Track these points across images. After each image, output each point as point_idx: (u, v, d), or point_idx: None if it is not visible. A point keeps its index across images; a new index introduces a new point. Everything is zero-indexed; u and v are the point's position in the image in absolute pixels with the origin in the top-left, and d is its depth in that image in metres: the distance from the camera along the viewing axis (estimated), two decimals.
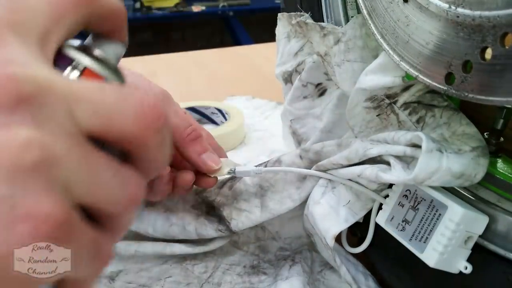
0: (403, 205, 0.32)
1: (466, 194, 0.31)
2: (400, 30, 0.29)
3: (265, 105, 0.75)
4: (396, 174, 0.30)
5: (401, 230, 0.32)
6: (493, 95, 0.24)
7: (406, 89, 0.33)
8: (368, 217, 0.37)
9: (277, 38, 0.48)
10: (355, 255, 0.39)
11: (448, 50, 0.25)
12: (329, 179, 0.37)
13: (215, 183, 0.39)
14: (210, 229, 0.39)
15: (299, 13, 0.42)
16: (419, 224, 0.31)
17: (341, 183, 0.37)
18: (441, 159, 0.28)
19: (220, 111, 0.67)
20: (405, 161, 0.31)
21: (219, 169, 0.37)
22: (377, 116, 0.35)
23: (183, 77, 0.92)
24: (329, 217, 0.36)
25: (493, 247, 0.29)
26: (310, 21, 0.40)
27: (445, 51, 0.26)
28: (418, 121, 0.33)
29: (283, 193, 0.39)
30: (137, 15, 2.66)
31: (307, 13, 0.41)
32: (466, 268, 0.29)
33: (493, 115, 0.31)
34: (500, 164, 0.31)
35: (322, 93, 0.45)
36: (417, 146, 0.30)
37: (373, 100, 0.35)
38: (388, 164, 0.32)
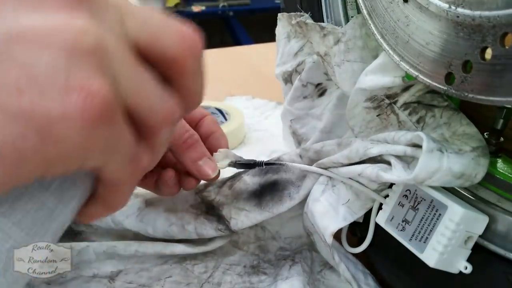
0: (403, 205, 0.32)
1: (466, 194, 0.31)
2: (400, 30, 0.29)
3: (265, 105, 0.75)
4: (397, 174, 0.30)
5: (401, 230, 0.32)
6: (493, 95, 0.24)
7: (406, 89, 0.33)
8: (368, 217, 0.37)
9: (277, 38, 0.48)
10: (355, 255, 0.39)
11: (448, 50, 0.25)
12: (329, 176, 0.37)
13: (217, 178, 0.39)
14: (209, 228, 0.39)
15: (299, 13, 0.42)
16: (419, 224, 0.31)
17: (341, 182, 0.37)
18: (441, 159, 0.28)
19: (220, 111, 0.67)
20: (406, 161, 0.31)
21: (216, 177, 0.37)
22: (377, 116, 0.35)
23: None
24: (328, 215, 0.36)
25: (493, 247, 0.29)
26: (310, 21, 0.40)
27: (445, 51, 0.26)
28: (418, 121, 0.33)
29: (283, 192, 0.39)
30: None
31: (307, 13, 0.41)
32: (466, 268, 0.29)
33: (493, 115, 0.31)
34: (500, 164, 0.31)
35: (322, 93, 0.45)
36: (418, 146, 0.30)
37: (373, 100, 0.35)
38: (389, 163, 0.32)
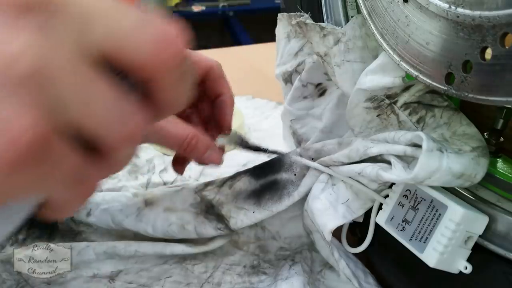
0: (403, 205, 0.32)
1: (466, 194, 0.31)
2: (400, 30, 0.29)
3: (265, 105, 0.75)
4: (397, 173, 0.30)
5: (401, 230, 0.32)
6: (493, 95, 0.24)
7: (406, 89, 0.33)
8: (368, 217, 0.37)
9: (277, 38, 0.48)
10: (355, 255, 0.39)
11: (448, 50, 0.25)
12: (330, 174, 0.38)
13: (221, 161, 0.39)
14: (209, 227, 0.39)
15: (299, 13, 0.42)
16: (419, 224, 0.31)
17: (341, 180, 0.37)
18: (441, 158, 0.28)
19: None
20: (406, 161, 0.31)
21: (228, 136, 0.39)
22: (377, 116, 0.35)
23: None
24: (327, 212, 0.36)
25: (493, 247, 0.29)
26: (310, 21, 0.40)
27: (445, 51, 0.26)
28: (418, 121, 0.33)
29: (283, 191, 0.39)
30: None
31: (307, 13, 0.41)
32: (466, 268, 0.29)
33: (493, 115, 0.32)
34: (500, 164, 0.31)
35: (322, 93, 0.45)
36: (418, 146, 0.30)
37: (373, 101, 0.35)
38: (389, 163, 0.32)
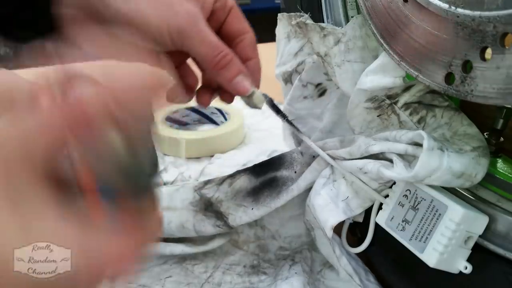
0: (403, 205, 0.32)
1: (466, 194, 0.31)
2: (400, 30, 0.29)
3: (265, 105, 0.75)
4: (398, 171, 0.30)
5: (401, 230, 0.32)
6: (493, 95, 0.24)
7: (407, 89, 0.33)
8: (368, 217, 0.37)
9: (277, 38, 0.48)
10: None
11: (448, 50, 0.25)
12: (333, 167, 0.38)
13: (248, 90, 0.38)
14: (208, 224, 0.39)
15: (299, 13, 0.42)
16: (419, 224, 0.31)
17: (343, 177, 0.37)
18: (442, 157, 0.28)
19: (220, 111, 0.67)
20: (407, 159, 0.31)
21: (251, 94, 0.38)
22: (378, 116, 0.35)
23: None
24: (328, 208, 0.37)
25: (493, 247, 0.29)
26: (310, 21, 0.40)
27: (445, 51, 0.26)
28: (419, 121, 0.33)
29: (282, 188, 0.40)
30: None
31: (307, 13, 0.41)
32: (466, 268, 0.29)
33: (493, 115, 0.32)
34: (500, 164, 0.31)
35: (322, 93, 0.45)
36: (419, 145, 0.30)
37: (373, 101, 0.35)
38: (391, 161, 0.32)
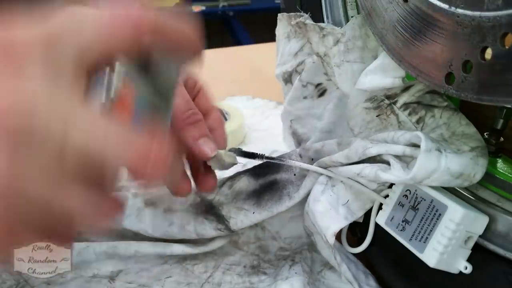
0: (403, 205, 0.32)
1: (466, 194, 0.31)
2: (400, 30, 0.29)
3: (265, 105, 0.75)
4: (395, 174, 0.30)
5: (401, 230, 0.32)
6: (493, 95, 0.24)
7: (406, 89, 0.33)
8: (368, 217, 0.37)
9: (277, 38, 0.48)
10: (355, 255, 0.39)
11: (448, 50, 0.25)
12: (329, 176, 0.37)
13: (215, 186, 0.38)
14: (209, 228, 0.39)
15: (298, 13, 0.42)
16: (419, 224, 0.31)
17: (341, 182, 0.37)
18: (439, 158, 0.28)
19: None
20: (405, 160, 0.31)
21: (214, 156, 0.36)
22: (377, 116, 0.35)
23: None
24: (329, 214, 0.36)
25: (493, 247, 0.29)
26: (309, 21, 0.40)
27: (445, 51, 0.26)
28: (418, 122, 0.33)
29: (282, 192, 0.39)
30: None
31: (307, 13, 0.41)
32: (466, 268, 0.29)
33: (493, 115, 0.32)
34: (500, 164, 0.31)
35: (322, 93, 0.45)
36: (417, 146, 0.30)
37: (373, 101, 0.35)
38: (388, 163, 0.32)
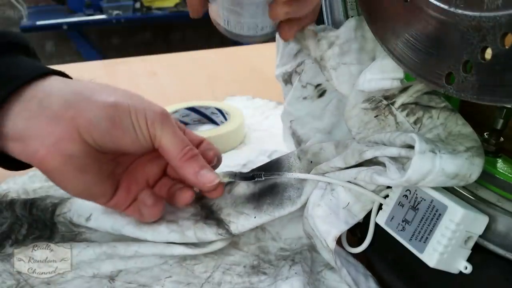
0: (403, 205, 0.32)
1: (466, 194, 0.31)
2: (400, 30, 0.29)
3: (265, 105, 0.75)
4: (391, 177, 0.30)
5: (401, 230, 0.32)
6: (493, 95, 0.24)
7: (404, 90, 0.33)
8: (368, 217, 0.37)
9: (276, 39, 0.48)
10: (354, 255, 0.39)
11: (448, 49, 0.25)
12: (330, 182, 0.37)
13: (222, 192, 0.40)
14: (209, 233, 0.39)
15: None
16: (419, 224, 0.31)
17: (340, 185, 0.37)
18: (434, 160, 0.28)
19: (220, 111, 0.67)
20: (401, 162, 0.31)
21: (216, 185, 0.38)
22: (375, 117, 0.35)
23: (183, 77, 0.92)
24: (329, 219, 0.36)
25: (493, 247, 0.29)
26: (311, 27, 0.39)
27: (445, 51, 0.26)
28: (415, 122, 0.33)
29: (283, 195, 0.39)
30: (137, 15, 2.65)
31: None
32: (466, 268, 0.29)
33: (493, 115, 0.32)
34: (500, 164, 0.31)
35: (322, 94, 0.45)
36: (412, 147, 0.30)
37: (371, 101, 0.35)
38: (384, 165, 0.32)
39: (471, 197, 0.31)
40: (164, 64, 0.99)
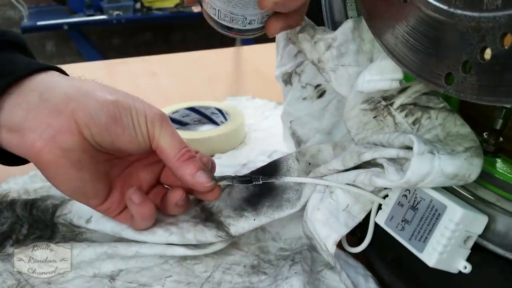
0: (402, 205, 0.32)
1: (466, 194, 0.31)
2: (400, 31, 0.29)
3: (265, 105, 0.75)
4: (390, 178, 0.30)
5: (401, 230, 0.32)
6: (493, 95, 0.24)
7: (403, 91, 0.33)
8: (368, 217, 0.37)
9: (276, 39, 0.48)
10: (354, 255, 0.39)
11: (447, 50, 0.26)
12: (329, 185, 0.37)
13: (220, 194, 0.40)
14: (209, 235, 0.39)
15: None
16: (418, 224, 0.31)
17: (339, 188, 0.37)
18: (433, 161, 0.28)
19: (220, 111, 0.67)
20: (399, 163, 0.31)
21: (213, 185, 0.38)
22: (373, 118, 0.35)
23: (183, 77, 0.92)
24: (329, 223, 0.36)
25: (492, 246, 0.29)
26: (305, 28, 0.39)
27: (445, 51, 0.26)
28: (414, 123, 0.33)
29: (282, 197, 0.39)
30: (138, 15, 2.65)
31: (307, 14, 0.41)
32: (466, 268, 0.29)
33: (493, 115, 0.32)
34: (499, 164, 0.31)
35: (322, 94, 0.45)
36: (411, 148, 0.30)
37: (369, 102, 0.35)
38: (383, 167, 0.32)
39: (471, 197, 0.31)
40: (164, 65, 0.99)
